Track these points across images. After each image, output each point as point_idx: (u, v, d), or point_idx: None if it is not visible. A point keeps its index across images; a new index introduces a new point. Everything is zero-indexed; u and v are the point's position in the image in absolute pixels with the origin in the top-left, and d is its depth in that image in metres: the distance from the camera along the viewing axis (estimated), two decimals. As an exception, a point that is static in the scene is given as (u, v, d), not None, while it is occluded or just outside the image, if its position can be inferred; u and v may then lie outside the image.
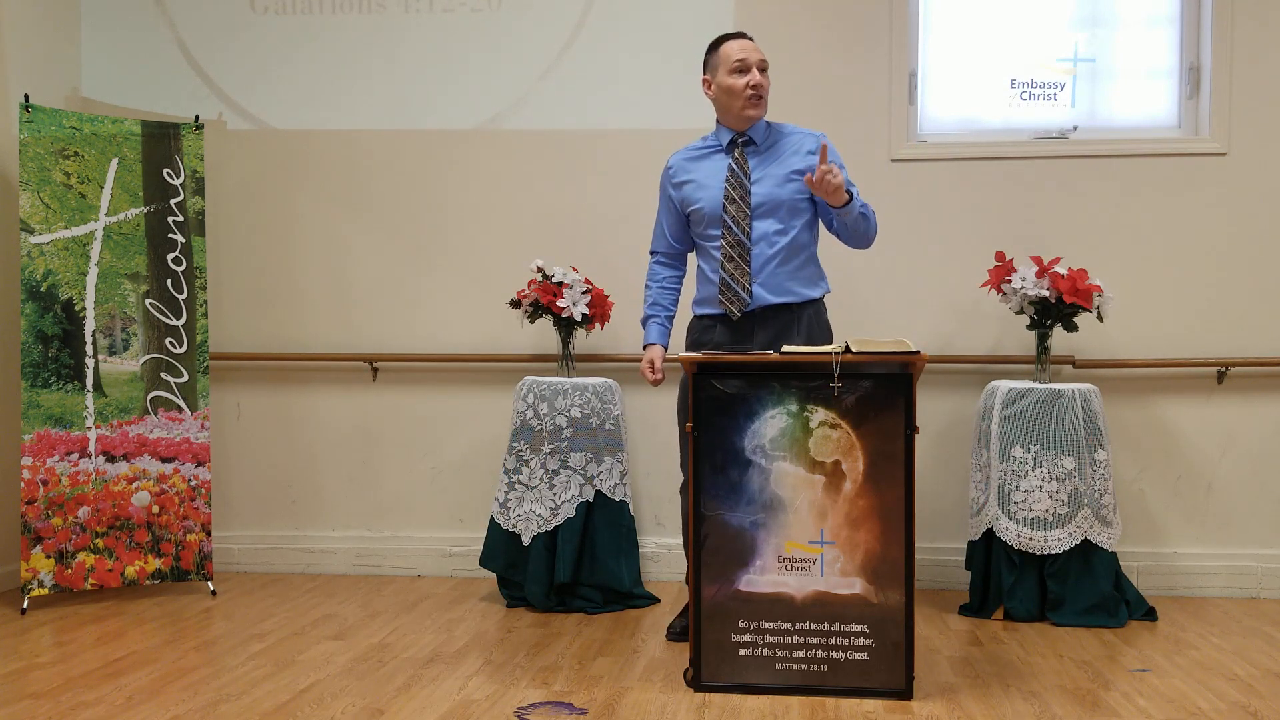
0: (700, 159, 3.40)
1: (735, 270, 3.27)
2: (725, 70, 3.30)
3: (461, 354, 4.41)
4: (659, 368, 3.44)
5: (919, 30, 4.30)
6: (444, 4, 4.45)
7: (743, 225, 3.27)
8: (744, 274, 3.26)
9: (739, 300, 3.27)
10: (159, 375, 4.12)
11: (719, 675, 2.97)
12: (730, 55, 3.30)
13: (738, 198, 3.28)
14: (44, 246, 3.94)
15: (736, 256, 3.27)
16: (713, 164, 3.36)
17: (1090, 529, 3.70)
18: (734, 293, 3.27)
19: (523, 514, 3.91)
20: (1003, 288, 3.85)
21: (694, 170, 3.39)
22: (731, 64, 3.29)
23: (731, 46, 3.32)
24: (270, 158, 4.53)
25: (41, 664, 3.24)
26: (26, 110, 3.92)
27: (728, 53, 3.31)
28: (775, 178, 3.30)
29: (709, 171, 3.36)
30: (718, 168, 3.34)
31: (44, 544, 3.87)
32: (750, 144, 3.35)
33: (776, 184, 3.29)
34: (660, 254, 3.54)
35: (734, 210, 3.28)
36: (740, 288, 3.27)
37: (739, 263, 3.27)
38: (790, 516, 2.95)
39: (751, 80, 3.27)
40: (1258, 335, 4.11)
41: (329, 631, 3.59)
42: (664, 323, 3.50)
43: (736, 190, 3.28)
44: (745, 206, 3.27)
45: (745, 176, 3.29)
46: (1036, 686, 3.03)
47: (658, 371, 3.44)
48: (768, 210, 3.28)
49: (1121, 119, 4.26)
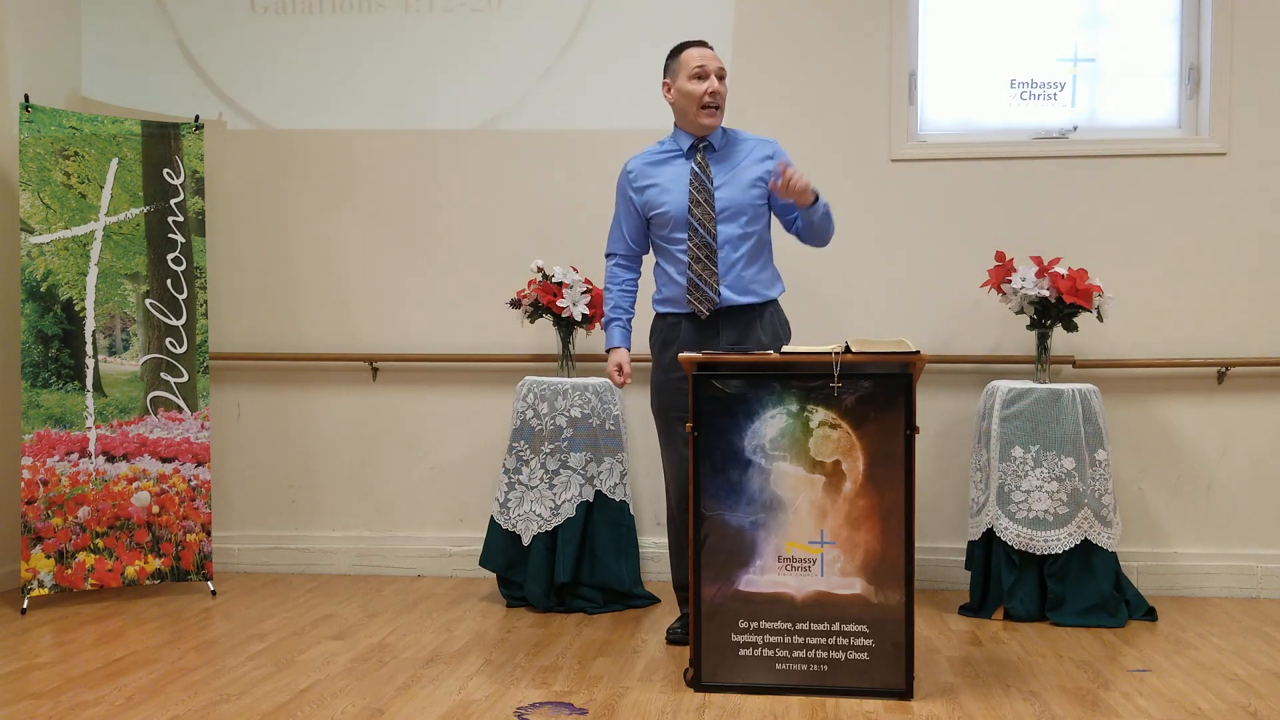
0: (660, 164, 3.44)
1: (703, 271, 3.32)
2: (685, 76, 3.36)
3: (461, 354, 4.41)
4: (628, 370, 3.49)
5: (919, 30, 4.30)
6: (444, 4, 4.45)
7: (709, 228, 3.33)
8: (712, 275, 3.32)
9: (708, 300, 3.32)
10: (159, 375, 4.12)
11: (719, 675, 2.97)
12: (690, 62, 3.36)
13: (703, 200, 3.34)
14: (44, 246, 3.94)
15: (704, 258, 3.32)
16: (674, 168, 3.41)
17: (1090, 529, 3.70)
18: (702, 293, 3.32)
19: (523, 514, 3.91)
20: (1003, 288, 3.85)
21: (655, 174, 3.43)
22: (691, 69, 3.35)
23: (692, 53, 3.38)
24: (270, 158, 4.53)
25: (41, 664, 3.24)
26: (26, 110, 3.92)
27: (687, 59, 3.37)
28: (737, 183, 3.37)
29: (671, 176, 3.40)
30: (680, 172, 3.39)
31: (44, 544, 3.87)
32: (710, 149, 3.41)
33: (739, 189, 3.36)
34: (619, 256, 3.56)
35: (699, 213, 3.33)
36: (709, 288, 3.32)
37: (706, 264, 3.32)
38: (790, 516, 2.95)
39: (710, 87, 3.34)
40: (1258, 335, 4.11)
41: (329, 631, 3.59)
42: (626, 325, 3.55)
43: (701, 194, 3.34)
44: (710, 209, 3.33)
45: (709, 180, 3.35)
46: (1036, 686, 3.03)
47: (626, 374, 3.48)
48: (732, 214, 3.34)
49: (1121, 119, 4.26)
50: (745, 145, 3.44)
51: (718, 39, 4.28)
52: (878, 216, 4.20)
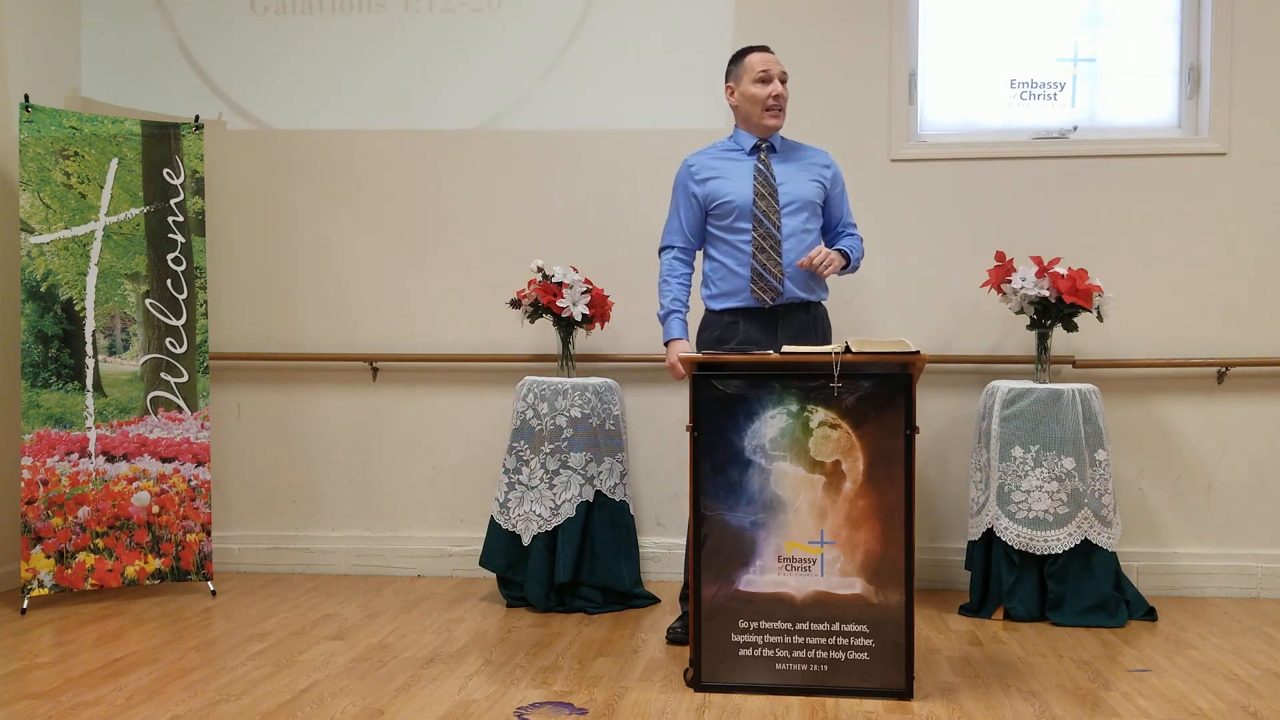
0: (722, 159, 3.51)
1: (767, 261, 3.38)
2: (749, 80, 3.45)
3: (461, 354, 4.41)
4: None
5: (919, 30, 4.30)
6: (444, 4, 4.45)
7: (773, 219, 3.39)
8: (776, 265, 3.38)
9: (771, 290, 3.38)
10: (159, 375, 4.12)
11: (719, 675, 2.97)
12: (754, 66, 3.45)
13: (767, 194, 3.41)
14: (44, 246, 3.94)
15: (768, 248, 3.38)
16: (737, 164, 3.48)
17: (1090, 529, 3.70)
18: (766, 282, 3.38)
19: (523, 514, 3.91)
20: (1003, 288, 3.85)
21: (717, 168, 3.49)
22: (756, 74, 3.44)
23: (755, 58, 3.47)
24: (270, 158, 4.53)
25: (41, 664, 3.24)
26: (26, 110, 3.92)
27: (751, 64, 3.46)
28: (799, 180, 3.46)
29: (734, 170, 3.47)
30: (743, 168, 3.46)
31: (44, 544, 3.87)
32: (771, 149, 3.49)
33: (801, 185, 3.45)
34: (677, 249, 3.56)
35: (764, 205, 3.40)
36: (773, 277, 3.38)
37: (770, 254, 3.38)
38: (790, 516, 2.95)
39: (774, 91, 3.43)
40: (1258, 335, 4.11)
41: (329, 631, 3.59)
42: (685, 319, 3.55)
43: (765, 188, 3.42)
44: (775, 202, 3.40)
45: (771, 176, 3.43)
46: (1036, 686, 3.03)
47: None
48: (796, 209, 3.42)
49: (1121, 119, 4.26)
50: (804, 151, 3.56)
51: (718, 39, 4.29)
52: (878, 216, 4.19)
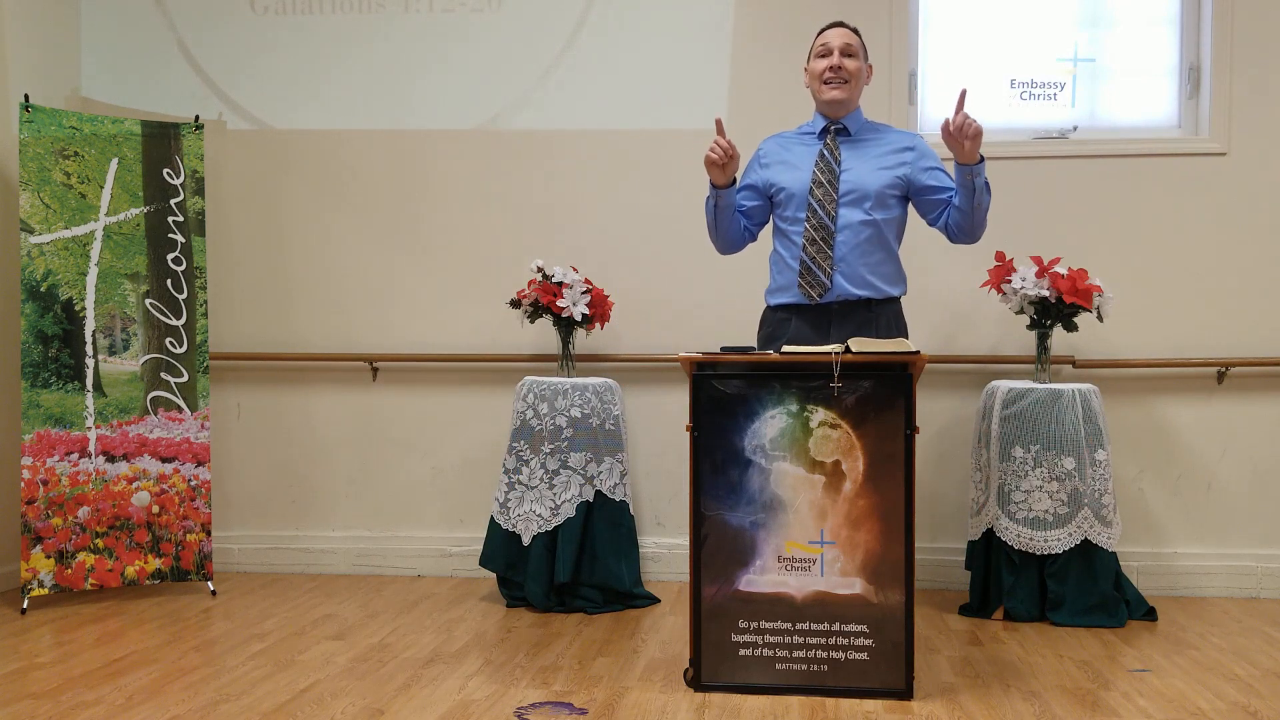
0: (793, 144, 3.40)
1: (817, 254, 3.23)
2: (813, 56, 3.35)
3: (461, 354, 4.40)
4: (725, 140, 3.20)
5: (919, 30, 4.30)
6: (444, 4, 4.45)
7: (829, 210, 3.24)
8: (826, 259, 3.23)
9: (819, 285, 3.23)
10: (159, 375, 4.12)
11: (719, 675, 2.97)
12: (818, 42, 3.35)
13: (825, 182, 3.26)
14: (44, 246, 3.94)
15: (820, 240, 3.23)
16: (805, 149, 3.36)
17: (1090, 529, 3.69)
18: (814, 276, 3.24)
19: (523, 514, 3.91)
20: (1003, 288, 3.84)
21: (785, 154, 3.38)
22: (817, 48, 3.34)
23: (823, 35, 3.35)
24: (270, 158, 4.53)
25: (41, 664, 3.24)
26: (26, 110, 3.92)
27: (818, 40, 3.35)
28: (866, 167, 3.28)
29: (800, 155, 3.35)
30: (809, 152, 3.33)
31: (44, 544, 3.87)
32: (844, 132, 3.34)
33: (867, 173, 3.27)
34: None
35: (820, 194, 3.25)
36: (821, 271, 3.23)
37: (822, 246, 3.23)
38: (790, 516, 2.95)
39: (831, 63, 3.28)
40: (1258, 335, 4.11)
41: (329, 631, 3.59)
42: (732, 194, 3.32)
43: (825, 175, 3.27)
44: (833, 191, 3.25)
45: (835, 162, 3.28)
46: (1036, 686, 3.03)
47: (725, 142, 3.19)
48: (856, 199, 3.25)
49: (1121, 119, 4.26)
50: (886, 135, 3.36)
51: (717, 38, 4.29)
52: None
